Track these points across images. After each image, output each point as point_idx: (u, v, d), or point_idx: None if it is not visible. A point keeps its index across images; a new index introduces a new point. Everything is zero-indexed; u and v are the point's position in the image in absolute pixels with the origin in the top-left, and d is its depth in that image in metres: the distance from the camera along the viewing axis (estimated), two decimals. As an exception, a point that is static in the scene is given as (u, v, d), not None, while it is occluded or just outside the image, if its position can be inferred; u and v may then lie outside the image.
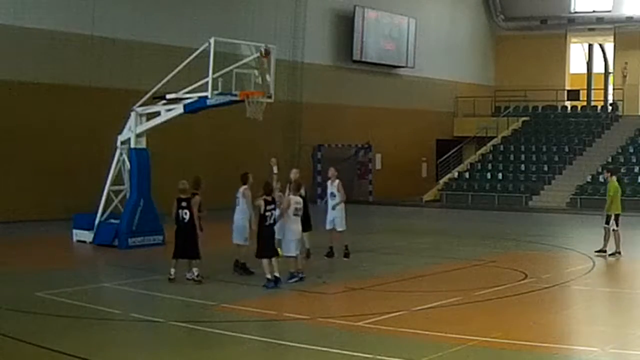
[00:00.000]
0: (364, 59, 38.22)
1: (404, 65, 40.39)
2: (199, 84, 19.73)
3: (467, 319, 12.57)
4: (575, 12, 44.34)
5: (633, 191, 32.81)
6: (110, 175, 21.36)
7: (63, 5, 26.89)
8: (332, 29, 37.28)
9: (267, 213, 14.91)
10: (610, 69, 47.10)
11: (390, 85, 40.08)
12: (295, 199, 15.51)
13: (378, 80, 39.39)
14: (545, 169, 37.57)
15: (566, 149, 38.40)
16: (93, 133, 26.43)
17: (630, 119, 40.54)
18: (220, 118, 26.34)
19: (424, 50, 40.88)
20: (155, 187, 20.74)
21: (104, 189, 21.38)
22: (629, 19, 42.33)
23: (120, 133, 21.28)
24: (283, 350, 10.91)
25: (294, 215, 15.32)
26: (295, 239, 15.31)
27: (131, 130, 20.96)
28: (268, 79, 19.98)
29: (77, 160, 26.70)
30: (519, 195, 35.90)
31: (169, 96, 20.50)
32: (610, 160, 36.42)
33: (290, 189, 15.94)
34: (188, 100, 20.17)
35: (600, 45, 48.61)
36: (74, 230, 21.51)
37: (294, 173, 16.93)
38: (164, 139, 23.33)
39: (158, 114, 20.88)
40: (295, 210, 15.34)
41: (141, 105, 20.97)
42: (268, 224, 14.95)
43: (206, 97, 19.55)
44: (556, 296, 15.00)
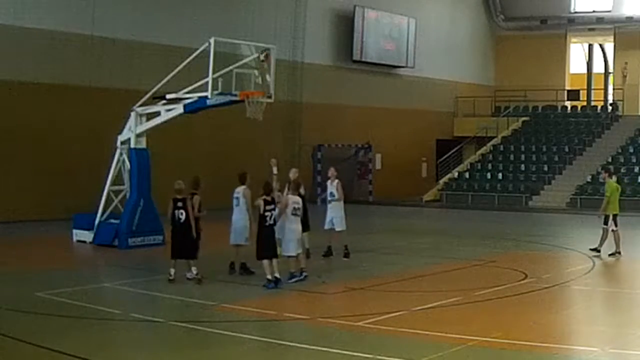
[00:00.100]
0: (364, 59, 38.22)
1: (404, 65, 40.39)
2: (199, 84, 19.73)
3: (467, 319, 12.57)
4: (575, 12, 44.33)
5: (633, 191, 32.81)
6: (110, 175, 21.37)
7: (63, 5, 26.90)
8: (332, 29, 37.27)
9: (267, 213, 14.91)
10: (610, 69, 47.09)
11: (390, 85, 40.08)
12: (294, 198, 15.48)
13: (378, 80, 39.38)
14: (545, 169, 37.57)
15: (566, 149, 38.40)
16: (93, 133, 26.43)
17: (630, 119, 40.55)
18: (220, 118, 26.34)
19: (424, 50, 40.87)
20: (155, 187, 20.73)
21: (104, 189, 21.39)
22: (629, 19, 42.33)
23: (120, 133, 21.29)
24: (283, 350, 10.90)
25: (292, 215, 15.29)
26: (295, 238, 15.28)
27: (131, 130, 20.97)
28: (268, 79, 20.00)
29: (77, 160, 26.70)
30: (519, 195, 35.90)
31: (169, 96, 20.50)
32: (610, 160, 36.42)
33: (289, 189, 15.95)
34: (188, 100, 20.17)
35: (600, 45, 48.59)
36: (74, 230, 21.52)
37: (293, 172, 16.92)
38: (164, 139, 23.32)
39: (158, 114, 20.88)
40: (293, 210, 15.31)
41: (141, 105, 20.98)
42: (268, 224, 14.94)
43: (206, 97, 19.55)
44: (556, 296, 15.00)
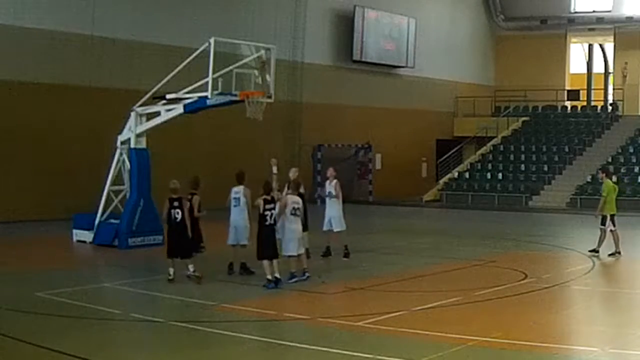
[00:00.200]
0: (364, 59, 38.22)
1: (404, 65, 40.39)
2: (199, 84, 19.73)
3: (467, 319, 12.56)
4: (575, 12, 44.33)
5: (633, 191, 32.81)
6: (110, 175, 21.37)
7: (63, 5, 26.91)
8: (332, 29, 37.27)
9: (267, 212, 14.90)
10: (610, 69, 47.08)
11: (390, 85, 40.08)
12: (294, 198, 15.46)
13: (378, 80, 39.38)
14: (545, 169, 37.56)
15: (566, 149, 38.40)
16: (93, 133, 26.43)
17: (630, 119, 40.54)
18: (220, 118, 26.34)
19: (424, 50, 40.88)
20: (155, 187, 20.72)
21: (104, 189, 21.39)
22: (629, 19, 42.33)
23: (120, 133, 21.29)
24: (283, 350, 10.90)
25: (292, 215, 15.26)
26: (295, 238, 15.26)
27: (131, 130, 20.96)
28: (268, 79, 20.00)
29: (77, 160, 26.70)
30: (519, 195, 35.90)
31: (169, 96, 20.50)
32: (610, 160, 36.42)
33: (289, 188, 15.93)
34: (188, 100, 20.17)
35: (600, 45, 48.59)
36: (74, 230, 21.52)
37: (293, 172, 16.90)
38: (164, 139, 23.31)
39: (158, 114, 20.88)
40: (293, 210, 15.29)
41: (141, 105, 20.97)
42: (268, 223, 14.93)
43: (206, 97, 19.54)
44: (556, 296, 14.99)
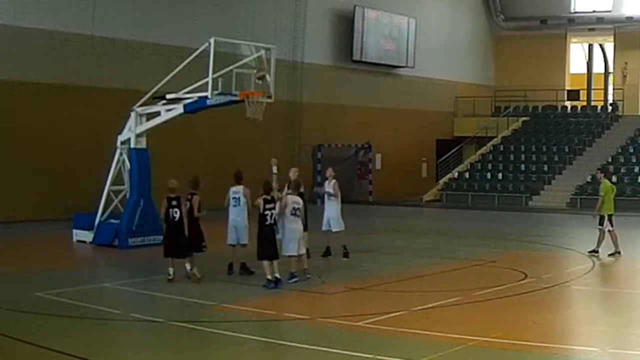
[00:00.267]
0: (364, 59, 38.23)
1: (404, 65, 40.39)
2: (199, 84, 19.73)
3: (467, 319, 12.56)
4: (575, 12, 44.33)
5: (633, 191, 32.80)
6: (110, 175, 21.37)
7: (63, 5, 26.91)
8: (332, 29, 37.27)
9: (267, 212, 14.90)
10: (610, 69, 47.08)
11: (390, 85, 40.08)
12: (294, 198, 15.44)
13: (378, 80, 39.38)
14: (545, 169, 37.56)
15: (566, 149, 38.40)
16: (93, 133, 26.44)
17: (630, 119, 40.55)
18: (220, 118, 26.34)
19: (424, 50, 40.87)
20: (155, 187, 20.70)
21: (104, 189, 21.39)
22: (629, 19, 42.33)
23: (120, 133, 21.29)
24: (283, 350, 10.90)
25: (292, 215, 15.25)
26: (295, 238, 15.25)
27: (131, 130, 20.96)
28: (268, 79, 20.00)
29: (77, 160, 26.71)
30: (519, 195, 35.90)
31: (169, 96, 20.50)
32: (610, 160, 36.42)
33: (289, 188, 15.92)
34: (188, 100, 20.17)
35: (600, 45, 48.59)
36: (74, 230, 21.52)
37: (293, 172, 16.90)
38: (164, 139, 23.31)
39: (158, 114, 20.88)
40: (293, 210, 15.26)
41: (141, 105, 20.97)
42: (268, 223, 14.93)
43: (206, 97, 19.55)
44: (556, 296, 14.98)
